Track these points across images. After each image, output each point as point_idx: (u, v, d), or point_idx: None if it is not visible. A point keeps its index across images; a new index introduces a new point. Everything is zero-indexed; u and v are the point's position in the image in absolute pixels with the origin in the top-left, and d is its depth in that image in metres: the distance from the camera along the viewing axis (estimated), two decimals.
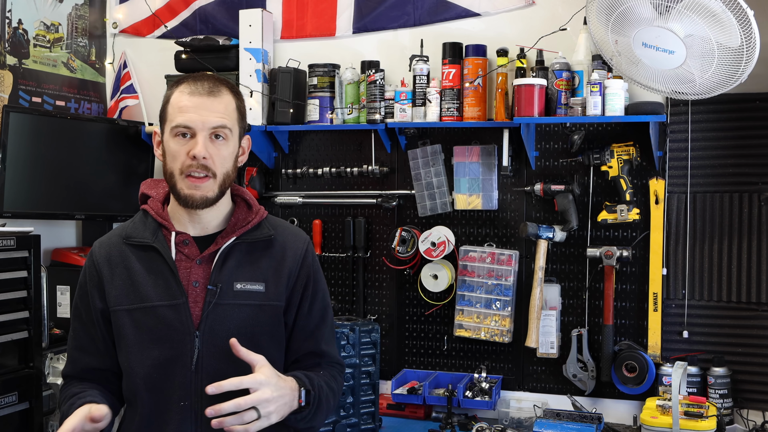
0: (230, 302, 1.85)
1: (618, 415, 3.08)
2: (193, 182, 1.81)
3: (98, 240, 1.96)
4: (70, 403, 1.82)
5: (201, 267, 1.86)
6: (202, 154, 1.79)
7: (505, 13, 3.23)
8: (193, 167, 1.80)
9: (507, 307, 3.17)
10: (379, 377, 2.96)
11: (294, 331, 1.94)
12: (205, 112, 1.81)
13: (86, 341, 1.90)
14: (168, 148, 1.84)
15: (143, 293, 1.84)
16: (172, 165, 1.83)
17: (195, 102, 1.81)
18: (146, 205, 1.94)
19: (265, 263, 1.91)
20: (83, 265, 1.95)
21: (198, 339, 1.82)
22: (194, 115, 1.80)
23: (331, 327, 2.02)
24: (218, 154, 1.83)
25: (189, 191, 1.82)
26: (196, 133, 1.80)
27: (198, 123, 1.80)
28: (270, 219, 1.98)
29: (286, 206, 3.50)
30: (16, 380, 2.70)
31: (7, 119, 3.01)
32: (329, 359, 1.97)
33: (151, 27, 3.72)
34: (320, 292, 1.99)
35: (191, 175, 1.81)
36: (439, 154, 3.26)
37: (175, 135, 1.82)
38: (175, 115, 1.82)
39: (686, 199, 3.03)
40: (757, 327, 2.96)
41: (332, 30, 3.48)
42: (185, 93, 1.83)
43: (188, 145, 1.81)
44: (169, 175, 1.84)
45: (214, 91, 1.83)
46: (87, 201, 3.37)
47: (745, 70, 2.47)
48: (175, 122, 1.81)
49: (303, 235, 2.01)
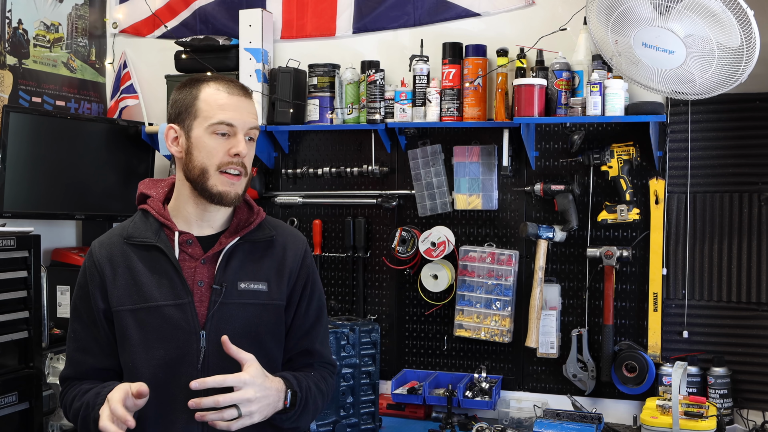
0: (235, 301, 1.86)
1: (618, 415, 3.09)
2: (229, 179, 1.84)
3: (97, 240, 1.96)
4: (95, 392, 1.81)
5: (205, 267, 1.87)
6: (244, 153, 1.83)
7: (505, 13, 3.23)
8: (233, 164, 1.83)
9: (507, 307, 3.17)
10: (379, 377, 2.96)
11: (290, 329, 1.96)
12: (244, 113, 1.85)
13: (88, 342, 1.89)
14: (203, 144, 1.83)
15: (147, 293, 1.84)
16: (208, 161, 1.83)
17: (234, 102, 1.85)
18: (146, 205, 1.94)
19: (267, 263, 1.92)
20: (82, 266, 1.94)
21: (204, 338, 1.82)
22: (236, 113, 1.84)
23: (326, 328, 2.05)
24: (250, 154, 1.89)
25: (224, 188, 1.84)
26: (237, 131, 1.84)
27: (240, 122, 1.84)
28: (269, 219, 2.00)
29: (286, 206, 3.50)
30: (16, 380, 2.70)
31: (7, 119, 3.01)
32: (321, 359, 2.00)
33: (151, 27, 3.72)
34: (317, 292, 2.01)
35: (227, 173, 1.83)
36: (439, 154, 3.26)
37: (213, 132, 1.83)
38: (214, 111, 1.83)
39: (686, 199, 3.03)
40: (757, 327, 2.96)
41: (332, 30, 3.48)
42: (222, 92, 1.85)
43: (228, 142, 1.83)
44: (201, 172, 1.84)
45: (246, 93, 1.90)
46: (87, 201, 3.37)
47: (745, 70, 2.47)
48: (217, 119, 1.82)
49: (301, 236, 2.04)
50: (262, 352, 1.85)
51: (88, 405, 1.80)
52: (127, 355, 1.86)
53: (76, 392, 1.87)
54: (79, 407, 1.83)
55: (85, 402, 1.82)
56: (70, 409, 1.89)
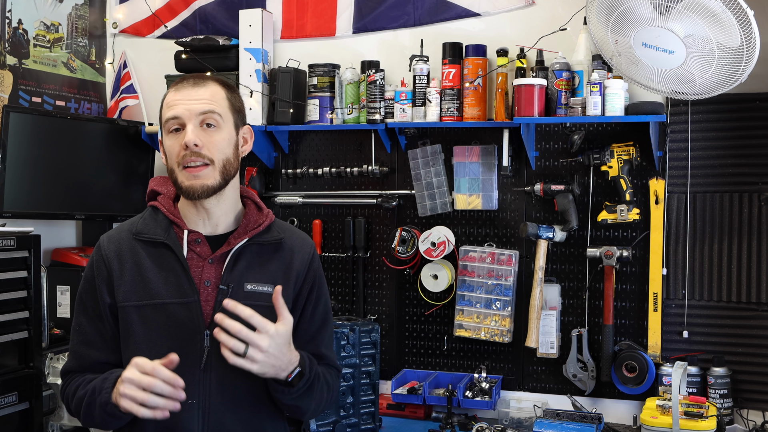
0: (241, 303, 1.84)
1: (618, 415, 3.09)
2: (191, 172, 1.81)
3: (106, 234, 1.95)
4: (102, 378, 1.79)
5: (213, 266, 1.86)
6: (192, 141, 1.80)
7: (505, 13, 3.23)
8: (187, 156, 1.81)
9: (507, 307, 3.17)
10: (379, 377, 2.96)
11: (296, 333, 1.93)
12: (190, 101, 1.83)
13: (93, 336, 1.89)
14: (166, 146, 1.86)
15: (153, 290, 1.84)
16: (171, 161, 1.85)
17: (180, 95, 1.84)
18: (156, 202, 1.94)
19: (274, 265, 1.92)
20: (90, 259, 1.94)
21: (208, 338, 1.82)
22: (180, 106, 1.83)
23: (331, 332, 2.05)
24: (210, 141, 1.83)
25: (189, 182, 1.82)
26: (184, 123, 1.82)
27: (184, 112, 1.82)
28: (278, 222, 1.99)
29: (286, 206, 3.50)
30: (16, 380, 2.70)
31: (7, 119, 3.01)
32: (327, 363, 1.99)
33: (151, 27, 3.72)
34: (323, 296, 2.00)
35: (188, 166, 1.81)
36: (439, 154, 3.26)
37: (168, 132, 1.85)
38: (165, 112, 1.86)
39: (686, 199, 3.03)
40: (757, 327, 2.96)
41: (332, 30, 3.48)
42: (171, 90, 1.87)
43: (180, 137, 1.83)
44: (170, 172, 1.86)
45: (198, 83, 1.86)
46: (87, 201, 3.37)
47: (745, 70, 2.47)
48: (165, 118, 1.85)
49: (309, 240, 2.03)
50: None
51: (94, 390, 1.79)
52: (130, 351, 1.85)
53: (79, 383, 1.86)
54: (84, 395, 1.82)
55: (90, 388, 1.80)
56: (72, 399, 1.87)
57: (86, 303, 1.90)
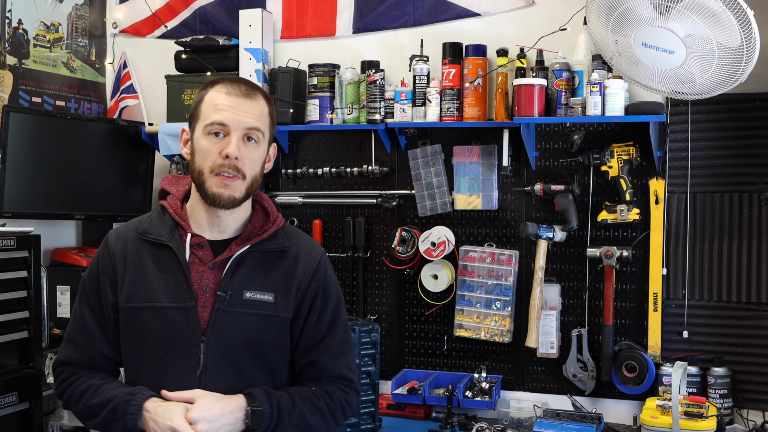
0: (238, 310, 1.83)
1: (618, 415, 3.08)
2: (223, 180, 1.80)
3: (114, 231, 1.94)
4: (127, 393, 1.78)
5: (213, 272, 1.85)
6: (234, 154, 1.79)
7: (505, 13, 3.24)
8: (224, 167, 1.80)
9: (507, 307, 3.17)
10: (379, 377, 2.96)
11: (299, 343, 1.92)
12: (240, 113, 1.81)
13: (94, 329, 1.88)
14: (198, 145, 1.83)
15: (153, 292, 1.83)
16: (202, 163, 1.82)
17: (231, 102, 1.82)
18: (165, 201, 1.93)
19: (276, 274, 1.89)
20: (96, 253, 1.93)
21: (204, 344, 1.81)
22: (230, 114, 1.80)
23: (341, 341, 1.95)
24: (249, 156, 1.83)
25: (218, 189, 1.81)
26: (230, 132, 1.80)
27: (233, 122, 1.80)
28: (286, 228, 1.96)
29: (286, 206, 3.50)
30: (16, 380, 2.70)
31: (7, 119, 3.01)
32: (330, 374, 1.92)
33: (151, 27, 3.72)
34: (330, 305, 1.95)
35: (221, 174, 1.80)
36: (439, 154, 3.26)
37: (207, 133, 1.82)
38: (209, 113, 1.82)
39: (686, 199, 3.03)
40: (757, 327, 2.96)
41: (332, 30, 3.48)
42: (221, 92, 1.83)
43: (221, 143, 1.80)
44: (198, 173, 1.83)
45: (250, 94, 1.84)
46: (87, 201, 3.37)
47: (745, 70, 2.47)
48: (210, 120, 1.81)
49: (317, 248, 1.99)
50: (262, 363, 1.85)
51: (116, 410, 1.76)
52: (128, 352, 1.85)
53: (87, 386, 1.84)
54: (99, 407, 1.79)
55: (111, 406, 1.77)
56: (79, 402, 1.84)
57: (90, 296, 1.90)
